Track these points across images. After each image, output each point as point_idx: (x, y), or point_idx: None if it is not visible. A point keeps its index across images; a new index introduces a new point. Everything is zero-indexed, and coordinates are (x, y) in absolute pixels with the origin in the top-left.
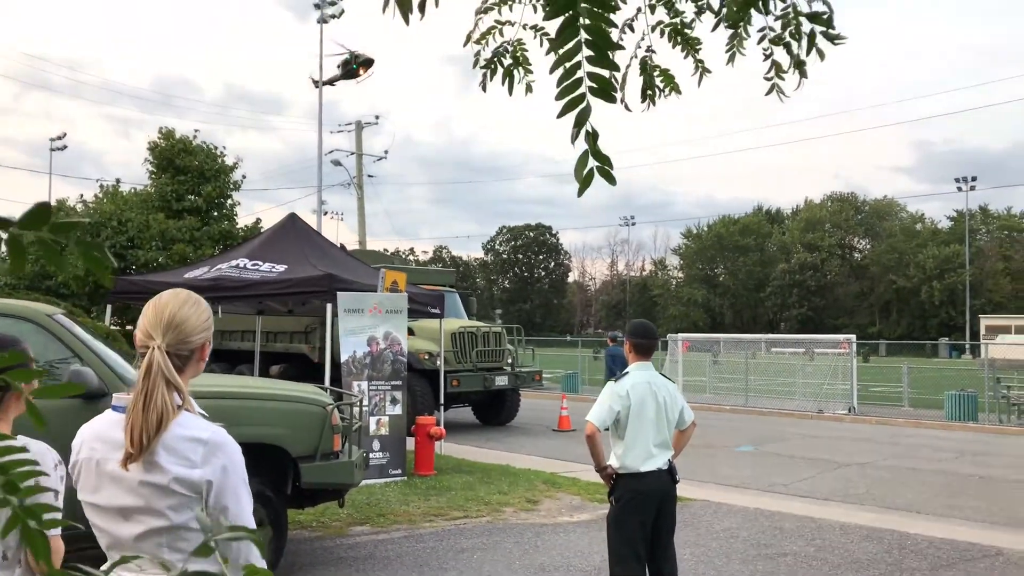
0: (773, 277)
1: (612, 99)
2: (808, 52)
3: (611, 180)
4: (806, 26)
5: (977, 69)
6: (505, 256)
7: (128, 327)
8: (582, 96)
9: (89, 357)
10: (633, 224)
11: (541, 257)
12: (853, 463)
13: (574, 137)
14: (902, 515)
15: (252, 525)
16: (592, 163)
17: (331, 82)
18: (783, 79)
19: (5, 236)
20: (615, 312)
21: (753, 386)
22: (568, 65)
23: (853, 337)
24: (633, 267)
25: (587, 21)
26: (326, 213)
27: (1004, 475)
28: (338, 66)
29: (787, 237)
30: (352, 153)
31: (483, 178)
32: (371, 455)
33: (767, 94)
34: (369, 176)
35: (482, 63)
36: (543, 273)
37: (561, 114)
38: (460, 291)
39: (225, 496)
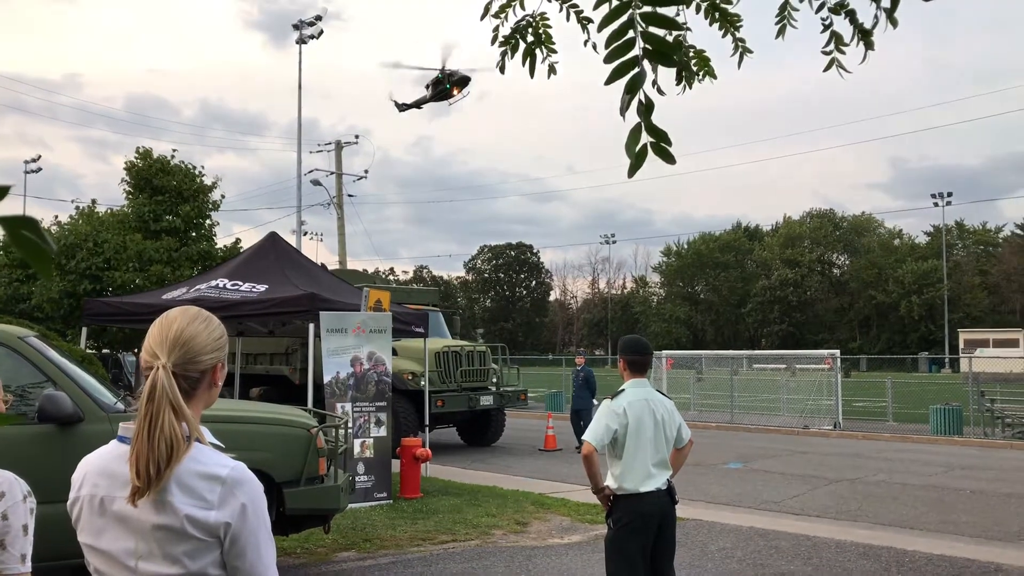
0: (754, 293)
1: (672, 62)
2: (892, 11)
3: (669, 159)
4: None
5: (948, 86)
6: (486, 275)
7: (104, 350)
8: (635, 59)
9: (63, 381)
10: (614, 242)
11: (522, 276)
12: (843, 479)
13: (624, 106)
14: (897, 531)
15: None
16: (645, 138)
17: (418, 104)
18: (843, 52)
19: None
20: (597, 330)
21: (738, 403)
22: (619, 23)
23: (837, 352)
24: (614, 285)
25: None
26: (306, 234)
27: (994, 489)
28: (427, 86)
29: (767, 254)
30: (331, 173)
31: (462, 197)
32: (356, 478)
33: (825, 70)
34: (349, 196)
35: (500, 40)
36: (524, 292)
37: (610, 80)
38: (443, 310)
39: (243, 542)
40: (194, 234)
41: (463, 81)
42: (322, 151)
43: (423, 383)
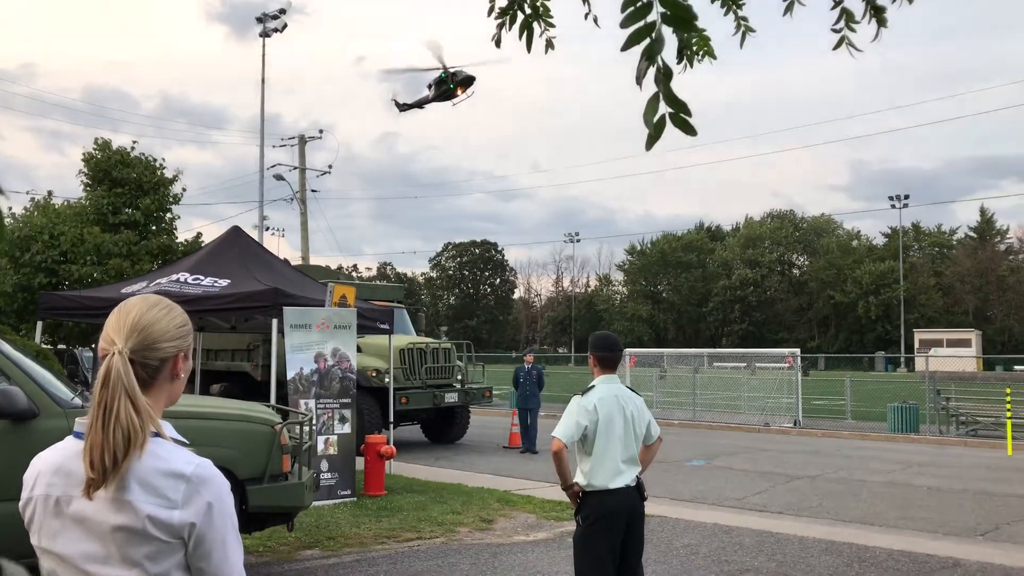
0: (715, 293)
1: (691, 27)
2: None
3: (689, 130)
4: None
5: (905, 90)
6: (451, 272)
7: (60, 346)
8: (652, 25)
9: (17, 376)
10: (578, 241)
11: (487, 274)
12: (804, 476)
13: (641, 74)
14: (857, 527)
15: None
16: (664, 108)
17: (420, 104)
18: (854, 30)
19: None
20: (561, 328)
21: (700, 400)
22: None
23: (798, 351)
24: (578, 283)
25: None
26: (268, 229)
27: (950, 485)
28: (428, 86)
29: (728, 254)
30: (295, 168)
31: (427, 194)
32: (320, 475)
33: (835, 48)
34: (312, 191)
35: (497, 11)
36: (489, 290)
37: (626, 46)
38: (408, 307)
39: (209, 543)
40: (154, 228)
41: (467, 81)
42: (285, 146)
43: (387, 380)
